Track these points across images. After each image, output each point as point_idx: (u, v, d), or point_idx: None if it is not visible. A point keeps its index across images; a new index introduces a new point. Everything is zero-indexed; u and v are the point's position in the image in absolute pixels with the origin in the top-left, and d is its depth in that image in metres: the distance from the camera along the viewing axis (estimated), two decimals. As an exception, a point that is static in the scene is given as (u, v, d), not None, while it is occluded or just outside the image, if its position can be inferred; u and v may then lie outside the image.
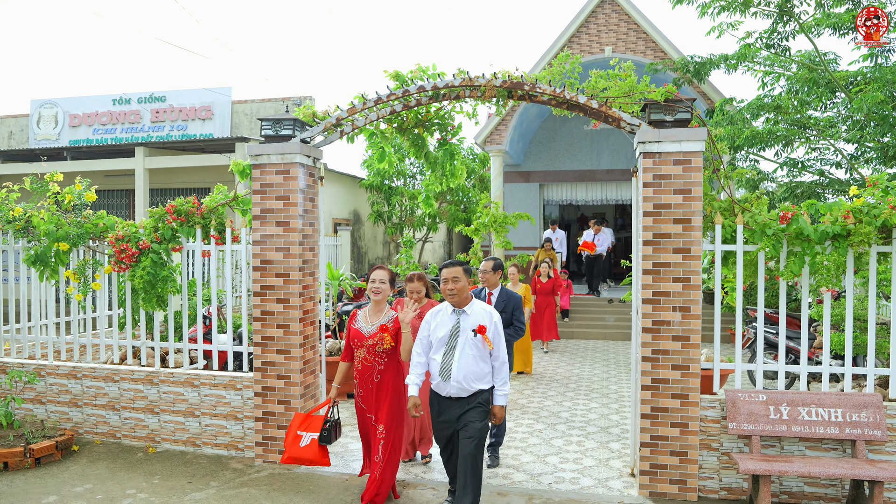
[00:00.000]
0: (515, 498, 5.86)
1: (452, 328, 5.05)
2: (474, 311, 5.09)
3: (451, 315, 5.12)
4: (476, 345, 4.97)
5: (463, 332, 5.01)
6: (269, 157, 6.58)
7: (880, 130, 9.26)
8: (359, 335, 5.61)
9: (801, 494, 5.76)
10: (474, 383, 4.96)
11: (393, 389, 5.57)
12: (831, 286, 5.81)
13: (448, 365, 4.97)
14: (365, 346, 5.55)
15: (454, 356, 4.97)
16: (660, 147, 5.81)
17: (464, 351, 4.97)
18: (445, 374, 4.98)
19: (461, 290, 5.09)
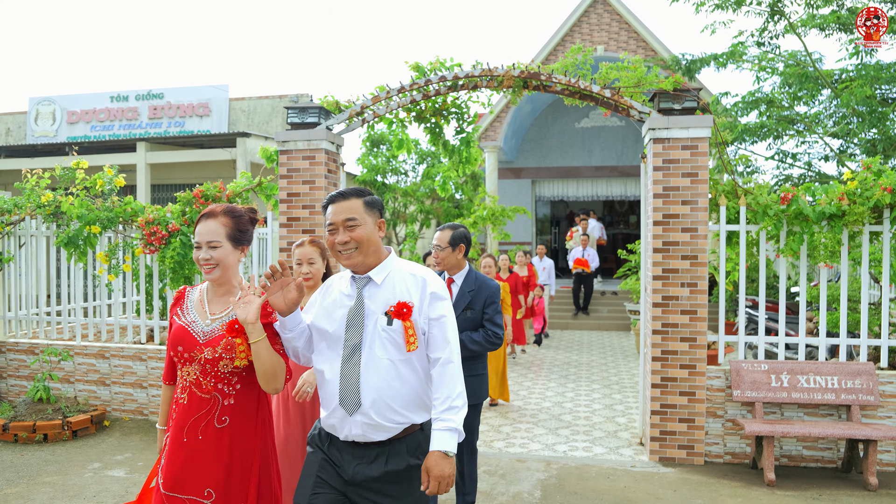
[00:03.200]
0: (534, 463, 6.24)
1: (350, 313, 2.84)
2: (390, 278, 2.88)
3: (350, 288, 2.90)
4: (393, 340, 2.79)
5: (370, 317, 2.83)
6: (295, 143, 6.93)
7: (866, 125, 9.75)
8: (185, 338, 2.97)
9: (800, 457, 6.19)
10: (399, 412, 2.80)
11: (259, 453, 3.01)
12: (828, 262, 6.25)
13: (350, 381, 2.78)
14: (197, 361, 2.93)
15: (358, 364, 2.79)
16: (669, 133, 6.22)
17: (372, 354, 2.79)
18: (346, 399, 2.77)
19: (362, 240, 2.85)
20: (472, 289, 4.67)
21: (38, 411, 6.96)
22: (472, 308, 4.64)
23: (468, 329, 4.60)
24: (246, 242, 3.06)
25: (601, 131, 20.23)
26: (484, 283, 4.68)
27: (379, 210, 2.93)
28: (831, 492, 5.56)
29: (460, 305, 4.60)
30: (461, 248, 4.74)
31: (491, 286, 4.70)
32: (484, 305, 4.66)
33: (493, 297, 4.68)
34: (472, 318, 4.64)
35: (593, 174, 20.50)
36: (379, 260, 2.89)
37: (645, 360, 6.65)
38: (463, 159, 7.76)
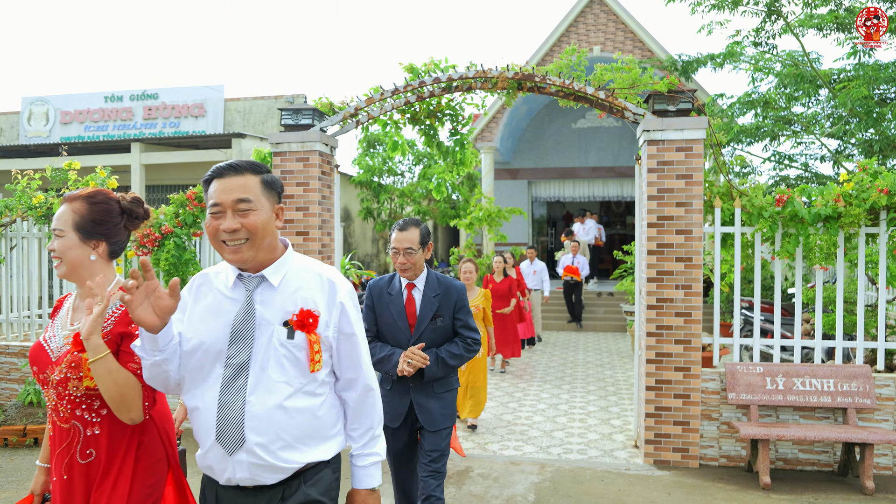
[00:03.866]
0: (528, 466, 6.20)
1: (236, 321, 2.25)
2: (289, 279, 2.31)
3: (235, 289, 2.29)
4: (293, 358, 2.23)
5: (262, 328, 2.24)
6: (289, 145, 6.89)
7: (863, 125, 9.73)
8: (39, 356, 2.53)
9: (796, 461, 6.16)
10: (297, 449, 2.25)
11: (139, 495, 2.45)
12: (823, 264, 6.22)
13: (232, 411, 2.19)
14: (51, 384, 2.46)
15: (244, 388, 2.20)
16: (663, 135, 6.19)
17: (264, 375, 2.21)
18: (226, 434, 2.18)
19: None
20: (438, 293, 4.07)
21: (29, 415, 6.90)
22: (440, 315, 4.07)
23: (441, 341, 4.09)
24: (101, 237, 2.51)
25: (598, 132, 20.21)
26: (449, 284, 4.13)
27: (278, 193, 2.35)
28: (827, 495, 5.53)
29: (427, 314, 4.05)
30: (430, 247, 4.17)
31: (458, 287, 4.16)
32: (454, 310, 4.11)
33: (462, 300, 4.15)
34: (443, 327, 4.08)
35: (590, 175, 20.48)
36: (274, 256, 2.30)
37: (639, 362, 6.61)
38: (457, 161, 7.72)
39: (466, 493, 5.54)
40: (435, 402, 4.08)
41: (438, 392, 4.10)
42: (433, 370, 3.99)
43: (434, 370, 4.00)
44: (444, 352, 4.05)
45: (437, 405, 4.07)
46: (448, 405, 4.14)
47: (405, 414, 4.05)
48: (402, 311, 4.08)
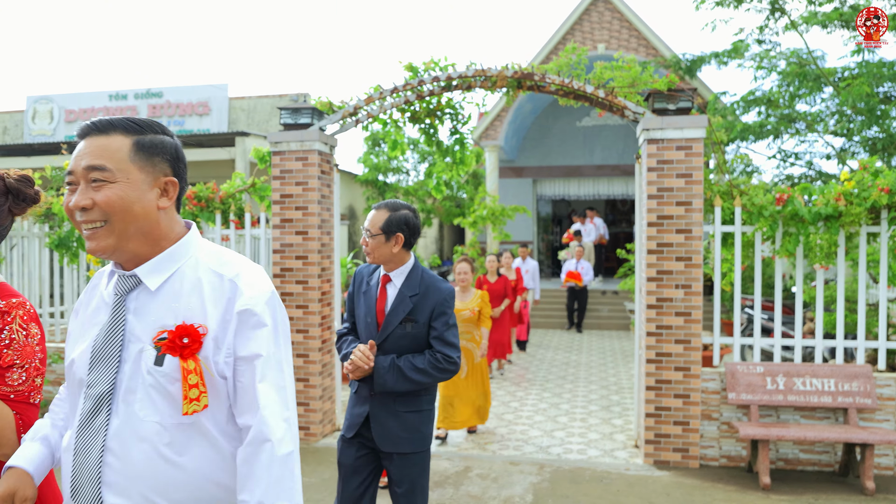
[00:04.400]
0: (527, 467, 6.18)
1: (98, 338, 1.68)
2: (175, 280, 1.71)
3: (111, 293, 1.73)
4: (164, 391, 1.61)
5: (130, 347, 1.66)
6: (288, 144, 6.87)
7: (867, 123, 9.66)
8: None
9: (797, 461, 6.12)
10: None
11: None
12: (824, 263, 6.17)
13: (88, 459, 1.60)
14: None
15: (104, 429, 1.61)
16: (663, 134, 6.15)
17: (131, 412, 1.61)
18: (81, 490, 1.60)
19: None
20: (416, 293, 3.44)
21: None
22: (413, 320, 3.42)
23: (408, 349, 3.45)
24: None
25: (602, 130, 20.14)
26: (432, 285, 3.47)
27: (168, 161, 1.73)
28: (827, 496, 5.50)
29: (398, 314, 3.43)
30: (398, 240, 3.42)
31: (442, 290, 3.48)
32: (431, 317, 3.44)
33: (443, 306, 3.47)
34: (413, 333, 3.44)
35: (595, 173, 20.42)
36: (158, 247, 1.70)
37: (639, 361, 6.58)
38: (457, 160, 7.69)
39: (464, 494, 5.52)
40: (394, 420, 3.42)
41: (400, 410, 3.42)
42: (384, 378, 3.35)
43: (385, 379, 3.35)
44: (405, 361, 3.37)
45: (395, 424, 3.42)
46: (410, 428, 3.44)
47: (360, 425, 3.48)
48: (373, 307, 3.51)
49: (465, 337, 6.79)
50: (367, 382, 3.46)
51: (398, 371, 3.37)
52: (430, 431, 3.55)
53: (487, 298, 7.13)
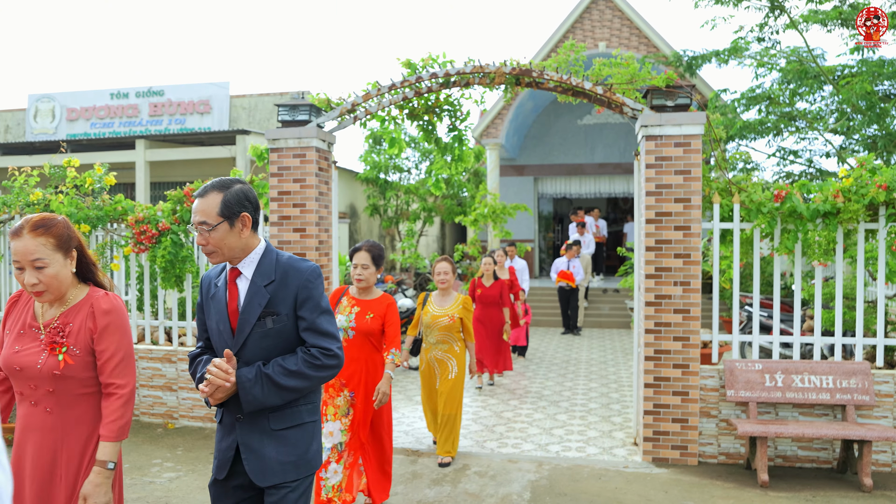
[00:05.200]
0: (525, 464, 6.17)
1: None
2: None
3: None
4: None
5: None
6: (286, 141, 6.88)
7: (867, 121, 9.64)
8: None
9: (795, 458, 6.11)
10: None
11: None
12: (823, 261, 6.16)
13: None
14: None
15: None
16: (661, 130, 6.14)
17: None
18: None
19: None
20: (272, 279, 2.82)
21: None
22: (273, 312, 2.81)
23: (278, 351, 2.83)
24: None
25: (604, 128, 20.13)
26: (291, 267, 2.85)
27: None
28: (825, 493, 5.48)
29: (253, 309, 2.79)
30: (245, 221, 2.82)
31: (302, 270, 2.85)
32: (296, 304, 2.83)
33: (308, 289, 2.84)
34: (278, 329, 2.82)
35: (596, 171, 20.41)
36: None
37: (638, 359, 6.57)
38: (455, 157, 7.69)
39: (462, 492, 5.52)
40: (271, 444, 2.78)
41: (277, 429, 2.80)
42: (251, 393, 2.69)
43: (253, 394, 2.70)
44: (274, 367, 2.74)
45: (273, 449, 2.78)
46: (294, 448, 2.82)
47: (231, 461, 2.82)
48: (224, 309, 2.85)
49: (441, 348, 6.20)
50: (230, 405, 2.81)
51: (267, 380, 2.71)
52: (318, 449, 2.92)
53: (470, 305, 6.34)
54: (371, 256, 4.91)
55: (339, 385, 4.92)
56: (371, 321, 4.90)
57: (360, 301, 4.98)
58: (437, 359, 6.27)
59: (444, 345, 6.23)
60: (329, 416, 4.88)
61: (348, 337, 4.92)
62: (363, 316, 4.91)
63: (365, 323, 4.90)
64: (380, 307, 4.98)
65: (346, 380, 4.91)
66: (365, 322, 4.90)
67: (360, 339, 4.92)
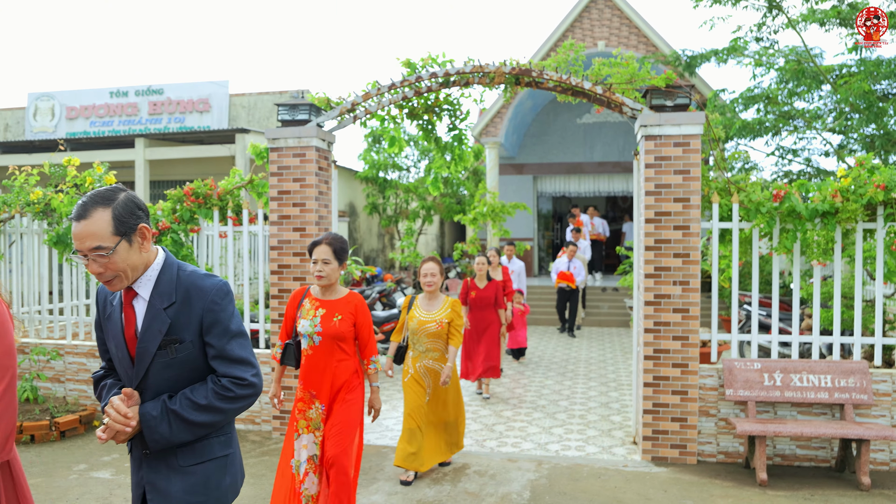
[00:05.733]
0: (525, 463, 6.19)
1: None
2: None
3: None
4: None
5: None
6: (286, 140, 6.88)
7: (865, 120, 9.66)
8: None
9: (794, 456, 6.13)
10: None
11: None
12: (821, 260, 6.17)
13: None
14: None
15: None
16: (661, 130, 6.15)
17: None
18: None
19: None
20: (173, 301, 2.47)
21: (26, 412, 6.93)
22: (177, 339, 2.47)
23: (182, 381, 2.51)
24: None
25: (603, 127, 20.15)
26: (193, 286, 2.49)
27: None
28: (823, 492, 5.50)
29: (153, 338, 2.45)
30: (143, 234, 2.43)
31: (206, 289, 2.50)
32: (202, 330, 2.50)
33: (215, 312, 2.50)
34: (183, 359, 2.49)
35: (596, 170, 20.43)
36: None
37: (637, 358, 6.59)
38: (455, 156, 7.70)
39: (461, 491, 5.54)
40: (178, 481, 2.51)
41: (185, 465, 2.52)
42: (157, 432, 2.41)
43: (159, 433, 2.41)
44: (182, 401, 2.45)
45: (180, 486, 2.51)
46: (203, 486, 2.54)
47: (142, 497, 2.58)
48: (120, 335, 2.52)
49: (431, 356, 5.78)
50: (139, 438, 2.51)
51: (175, 417, 2.42)
52: (232, 483, 2.65)
53: (459, 309, 5.89)
54: (333, 250, 4.38)
55: (308, 397, 4.50)
56: (340, 323, 4.43)
57: (325, 302, 4.49)
58: (427, 368, 5.79)
59: (434, 352, 5.79)
60: (301, 429, 4.50)
61: (314, 343, 4.43)
62: (330, 318, 4.43)
63: (332, 326, 4.41)
64: (348, 307, 4.49)
65: (315, 391, 4.47)
66: (332, 325, 4.41)
67: (327, 345, 4.42)
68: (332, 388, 4.46)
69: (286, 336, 4.63)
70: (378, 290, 12.46)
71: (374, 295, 12.24)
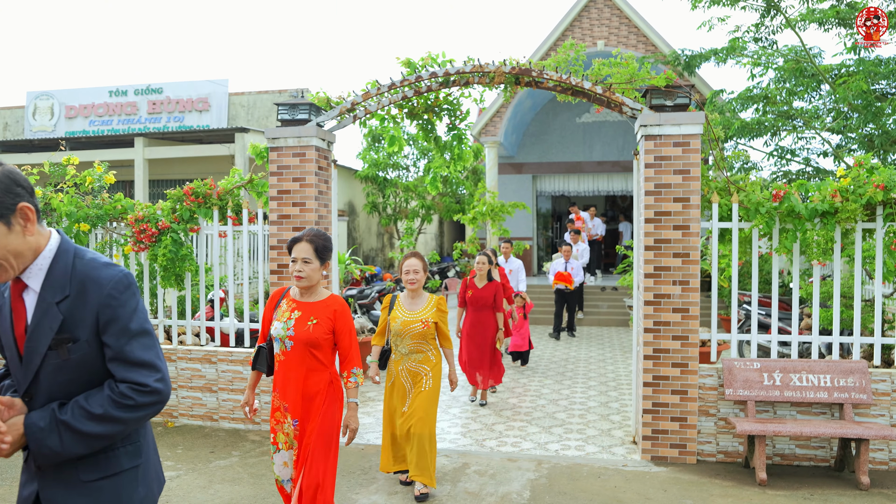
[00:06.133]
0: (525, 463, 6.20)
1: None
2: None
3: None
4: None
5: None
6: (285, 139, 6.89)
7: (863, 120, 9.67)
8: None
9: (793, 456, 6.14)
10: None
11: None
12: (821, 260, 6.18)
13: None
14: None
15: None
16: (660, 130, 6.16)
17: None
18: None
19: None
20: (66, 294, 2.15)
21: (28, 410, 6.93)
22: (70, 339, 2.15)
23: (78, 385, 2.20)
24: None
25: (602, 126, 20.16)
26: (89, 276, 2.16)
27: None
28: (823, 491, 5.51)
29: (43, 336, 2.15)
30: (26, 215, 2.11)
31: (103, 281, 2.17)
32: (98, 328, 2.18)
33: (112, 307, 2.18)
34: (78, 361, 2.18)
35: (595, 169, 20.45)
36: None
37: (637, 358, 6.60)
38: (455, 156, 7.71)
39: (461, 491, 5.54)
40: (81, 498, 2.22)
41: (88, 479, 2.22)
42: (44, 445, 2.11)
43: (47, 446, 2.12)
44: (74, 410, 2.14)
45: (84, 503, 2.22)
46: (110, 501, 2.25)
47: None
48: (10, 332, 2.22)
49: (415, 358, 5.36)
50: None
51: (64, 429, 2.11)
52: (147, 495, 2.37)
53: (445, 306, 5.47)
54: (314, 248, 4.01)
55: (283, 409, 4.14)
56: (315, 328, 4.03)
57: (303, 304, 4.12)
58: (409, 370, 5.38)
59: (418, 354, 5.37)
60: (281, 443, 4.20)
61: (286, 348, 4.07)
62: (304, 322, 4.05)
63: (306, 331, 4.02)
64: (326, 311, 4.09)
65: (287, 402, 4.10)
66: (305, 329, 4.03)
67: (299, 352, 4.05)
68: (304, 400, 4.07)
69: (264, 339, 4.28)
70: (377, 290, 12.47)
71: (374, 294, 12.25)
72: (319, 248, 4.03)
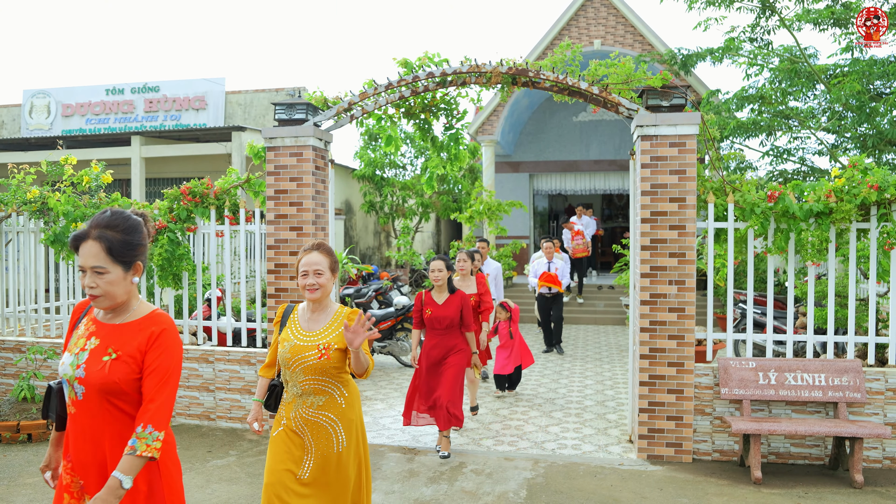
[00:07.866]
0: (522, 462, 6.22)
1: None
2: None
3: None
4: None
5: None
6: (282, 139, 6.90)
7: (858, 120, 9.71)
8: None
9: (788, 454, 6.18)
10: None
11: None
12: (816, 260, 6.22)
13: None
14: None
15: None
16: (657, 130, 6.18)
17: None
18: None
19: None
20: None
21: (23, 410, 6.94)
22: None
23: None
24: None
25: (599, 125, 20.21)
26: None
27: None
28: (817, 489, 5.55)
29: None
30: None
31: None
32: None
33: None
34: None
35: (591, 168, 20.49)
36: None
37: (633, 357, 6.63)
38: (451, 156, 7.73)
39: (458, 490, 5.56)
40: None
41: None
42: None
43: None
44: None
45: None
46: None
47: None
48: None
49: (315, 401, 3.46)
50: None
51: None
52: None
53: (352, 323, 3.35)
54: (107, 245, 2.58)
55: (77, 487, 2.68)
56: (112, 366, 2.57)
57: (104, 327, 2.67)
58: (307, 420, 3.46)
59: (318, 396, 3.46)
60: None
61: (76, 397, 2.62)
62: (99, 356, 2.59)
63: (100, 370, 2.56)
64: (136, 337, 2.62)
65: (81, 475, 2.66)
66: (100, 369, 2.57)
67: (95, 402, 2.59)
68: (107, 475, 2.59)
69: None
70: (374, 289, 12.49)
71: (370, 293, 12.27)
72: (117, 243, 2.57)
